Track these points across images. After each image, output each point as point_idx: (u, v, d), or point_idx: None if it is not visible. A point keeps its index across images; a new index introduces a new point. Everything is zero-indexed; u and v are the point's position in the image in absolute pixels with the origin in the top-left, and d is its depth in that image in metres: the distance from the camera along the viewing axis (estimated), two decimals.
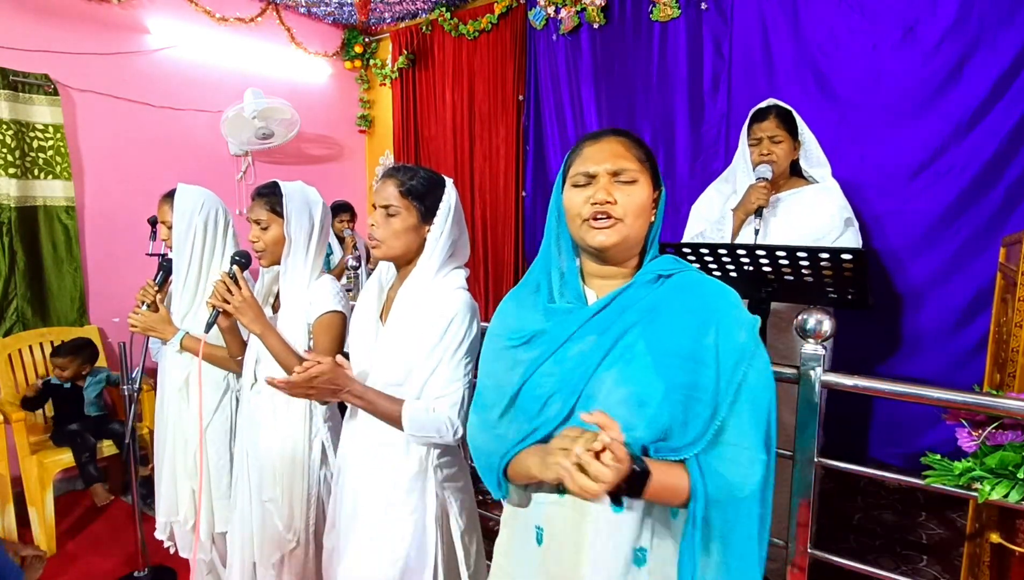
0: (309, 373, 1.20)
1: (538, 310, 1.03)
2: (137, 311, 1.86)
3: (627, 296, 0.97)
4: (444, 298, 1.32)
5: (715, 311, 0.93)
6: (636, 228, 0.96)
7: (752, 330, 0.93)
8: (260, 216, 1.62)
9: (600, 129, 1.04)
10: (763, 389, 0.92)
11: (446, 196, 1.36)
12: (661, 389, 0.90)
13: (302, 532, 1.59)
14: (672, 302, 0.95)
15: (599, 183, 0.96)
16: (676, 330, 0.92)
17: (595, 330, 0.96)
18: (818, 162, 2.04)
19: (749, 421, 0.90)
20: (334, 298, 1.60)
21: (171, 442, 1.94)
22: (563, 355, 0.97)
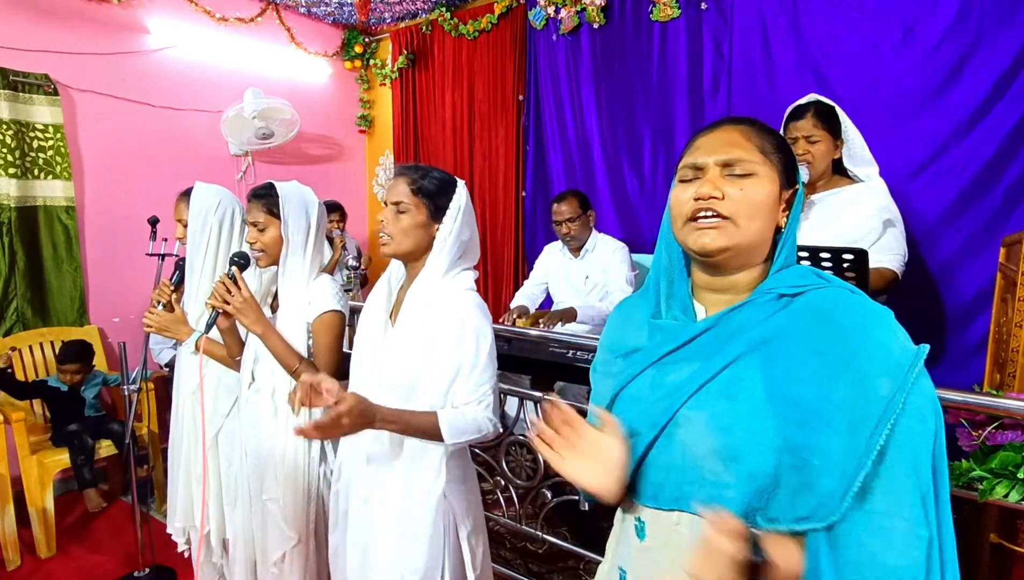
0: (338, 411, 1.15)
1: (642, 325, 0.90)
2: (153, 311, 1.85)
3: (740, 316, 0.80)
4: (454, 300, 1.31)
5: (855, 353, 0.72)
6: (752, 231, 0.79)
7: (901, 372, 0.69)
8: (257, 218, 1.63)
9: (719, 118, 0.90)
10: (924, 442, 0.69)
11: (457, 196, 1.36)
12: (773, 444, 0.72)
13: (303, 529, 1.60)
14: (798, 332, 0.75)
15: (707, 175, 0.81)
16: (799, 372, 0.73)
17: (698, 355, 0.81)
18: (863, 161, 1.93)
19: (906, 481, 0.67)
20: (333, 297, 1.61)
21: (186, 445, 1.92)
22: (658, 379, 0.83)
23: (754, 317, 0.79)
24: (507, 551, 2.46)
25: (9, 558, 2.49)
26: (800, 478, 0.70)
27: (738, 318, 0.80)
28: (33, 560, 2.53)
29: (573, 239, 2.89)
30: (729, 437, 0.75)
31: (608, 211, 3.43)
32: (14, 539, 2.52)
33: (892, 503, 0.67)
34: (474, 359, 1.28)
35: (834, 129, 1.91)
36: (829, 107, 1.91)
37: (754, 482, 0.73)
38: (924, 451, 0.69)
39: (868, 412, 0.68)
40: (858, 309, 0.76)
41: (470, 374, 1.28)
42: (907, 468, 0.68)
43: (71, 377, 2.80)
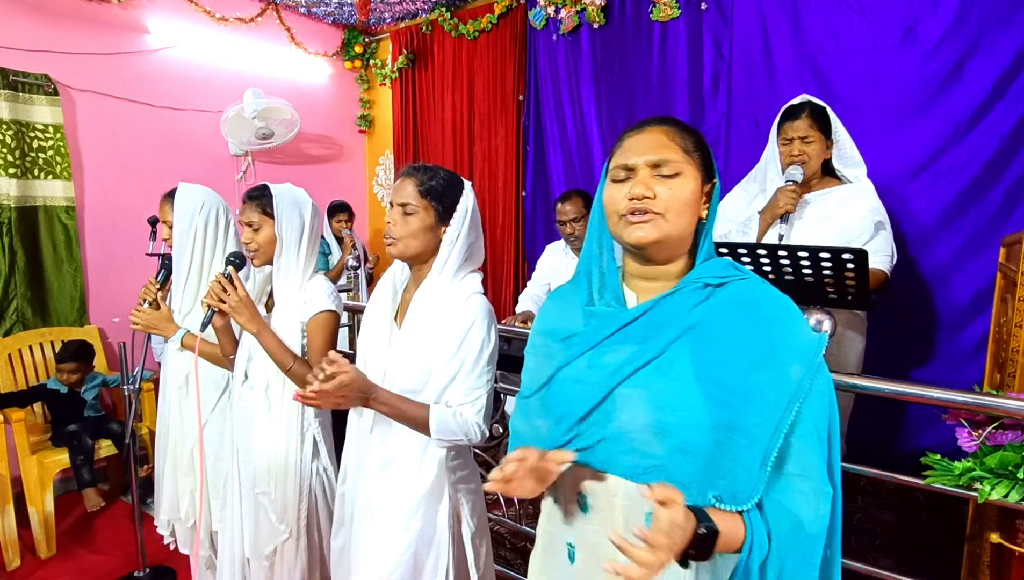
0: (340, 380, 1.17)
1: (577, 311, 0.97)
2: (139, 309, 1.87)
3: (671, 304, 0.88)
4: (462, 303, 1.31)
5: (771, 342, 0.83)
6: (680, 225, 0.88)
7: (809, 359, 0.82)
8: (251, 218, 1.65)
9: (644, 119, 0.95)
10: (824, 415, 0.82)
11: (464, 198, 1.35)
12: (698, 423, 0.81)
13: (294, 524, 1.61)
14: (723, 321, 0.85)
15: (638, 176, 0.88)
16: (725, 358, 0.83)
17: (633, 339, 0.88)
18: (852, 162, 1.97)
19: (813, 448, 0.81)
20: (328, 298, 1.63)
21: (172, 440, 1.95)
22: (596, 360, 0.90)
23: (683, 304, 0.87)
24: (507, 551, 2.46)
25: (9, 558, 2.49)
26: (726, 453, 0.80)
27: (669, 305, 0.88)
28: (33, 560, 2.53)
29: (577, 239, 2.88)
30: (662, 414, 0.83)
31: None
32: (14, 539, 2.52)
33: (803, 468, 0.81)
34: (474, 362, 1.28)
35: (826, 129, 1.94)
36: (821, 108, 1.95)
37: (684, 456, 0.81)
38: (824, 424, 0.82)
39: (781, 394, 0.80)
40: (773, 303, 0.87)
41: (467, 376, 1.28)
42: (813, 439, 0.81)
43: (68, 376, 2.80)
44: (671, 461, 0.82)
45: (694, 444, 0.81)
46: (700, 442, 0.81)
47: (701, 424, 0.81)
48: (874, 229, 1.87)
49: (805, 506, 0.80)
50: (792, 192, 1.85)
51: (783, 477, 0.80)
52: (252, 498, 1.63)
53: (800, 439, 0.80)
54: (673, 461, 0.82)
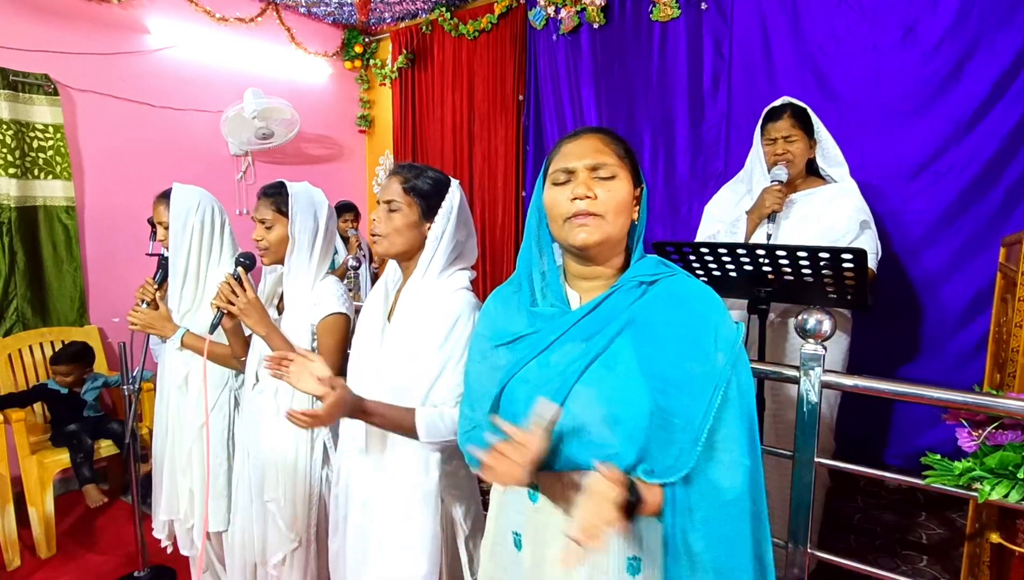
0: (331, 402, 1.17)
1: (521, 312, 1.01)
2: (137, 309, 1.87)
3: (612, 302, 0.95)
4: (448, 299, 1.31)
5: (699, 333, 0.90)
6: (618, 225, 0.95)
7: (731, 347, 0.90)
8: (265, 215, 1.63)
9: (577, 128, 1.02)
10: (746, 395, 0.91)
11: (449, 196, 1.35)
12: (645, 410, 0.89)
13: (304, 532, 1.59)
14: (657, 316, 0.92)
15: (578, 179, 0.93)
16: (661, 350, 0.90)
17: (580, 337, 0.94)
18: (835, 161, 2.00)
19: (736, 426, 0.89)
20: (338, 300, 1.61)
21: (170, 440, 1.94)
22: (545, 360, 0.95)
23: (622, 302, 0.94)
24: None
25: (9, 558, 2.49)
26: (665, 435, 0.89)
27: (610, 303, 0.95)
28: (33, 560, 2.53)
29: None
30: (613, 406, 0.90)
31: None
32: (14, 539, 2.52)
33: (728, 443, 0.88)
34: (458, 359, 1.28)
35: (808, 130, 1.97)
36: (802, 109, 1.98)
37: (633, 441, 0.89)
38: (746, 403, 0.90)
39: (710, 379, 0.88)
40: (699, 297, 0.94)
41: (452, 373, 1.28)
42: (737, 417, 0.89)
43: (63, 378, 2.80)
44: (623, 448, 0.90)
45: (640, 430, 0.89)
46: (644, 427, 0.89)
47: (645, 411, 0.89)
48: (859, 228, 1.90)
49: (724, 475, 0.88)
50: (778, 192, 1.87)
51: (709, 454, 0.88)
52: (260, 504, 1.62)
53: (726, 419, 0.88)
54: (624, 447, 0.90)
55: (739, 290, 1.69)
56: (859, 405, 2.59)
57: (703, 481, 0.88)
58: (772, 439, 1.90)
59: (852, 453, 2.44)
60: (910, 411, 2.61)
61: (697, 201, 3.15)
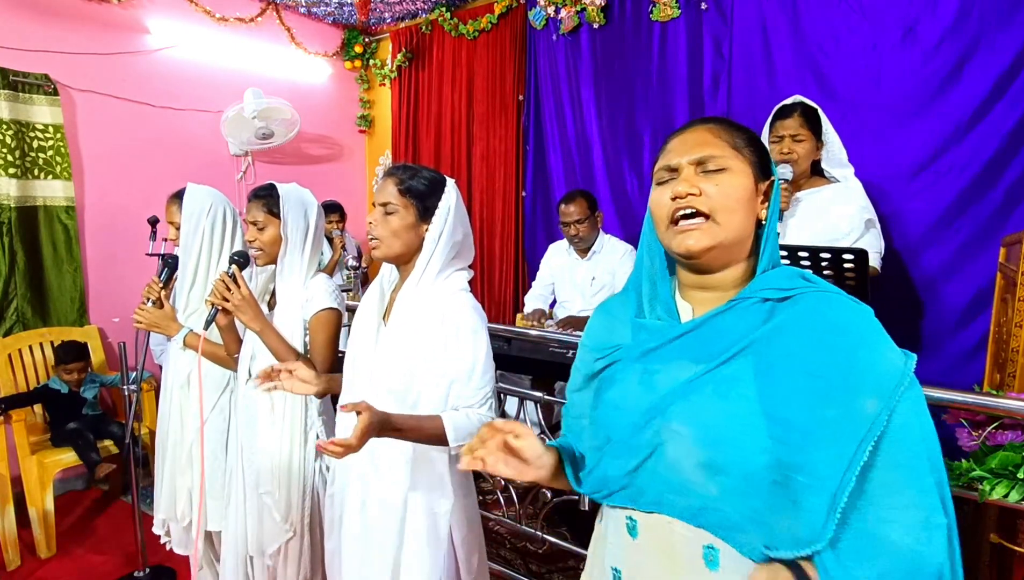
0: (362, 428, 1.10)
1: (626, 324, 0.90)
2: (143, 308, 1.87)
3: (726, 320, 0.80)
4: (448, 302, 1.30)
5: (844, 371, 0.71)
6: (733, 227, 0.80)
7: (888, 392, 0.70)
8: (257, 217, 1.66)
9: (691, 120, 0.90)
10: (920, 436, 0.70)
11: (446, 196, 1.34)
12: (760, 460, 0.72)
13: (299, 523, 1.62)
14: (788, 343, 0.75)
15: (682, 175, 0.82)
16: (790, 391, 0.73)
17: (686, 356, 0.80)
18: (840, 163, 2.00)
19: (912, 476, 0.68)
20: (329, 296, 1.64)
21: (171, 439, 1.95)
22: (647, 378, 0.83)
23: (740, 322, 0.78)
24: (507, 551, 2.46)
25: (9, 558, 2.49)
26: (786, 495, 0.71)
27: (724, 322, 0.80)
28: (33, 560, 2.53)
29: (581, 240, 2.88)
30: (716, 451, 0.74)
31: (608, 211, 3.43)
32: (14, 539, 2.52)
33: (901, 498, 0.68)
34: (472, 362, 1.27)
35: (816, 130, 1.97)
36: (813, 109, 1.97)
37: (740, 497, 0.73)
38: (921, 450, 0.69)
39: (853, 432, 0.69)
40: (848, 322, 0.75)
41: (469, 378, 1.27)
42: (910, 466, 0.68)
43: (69, 376, 2.80)
44: (726, 502, 0.74)
45: (751, 484, 0.73)
46: (757, 481, 0.72)
47: (759, 462, 0.72)
48: (864, 227, 1.90)
49: (905, 535, 0.67)
50: (784, 190, 1.87)
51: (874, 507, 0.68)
52: (256, 497, 1.64)
53: (890, 470, 0.68)
54: (729, 502, 0.74)
55: None
56: None
57: (873, 545, 0.67)
58: None
59: None
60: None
61: None
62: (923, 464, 0.69)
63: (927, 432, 0.70)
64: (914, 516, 0.67)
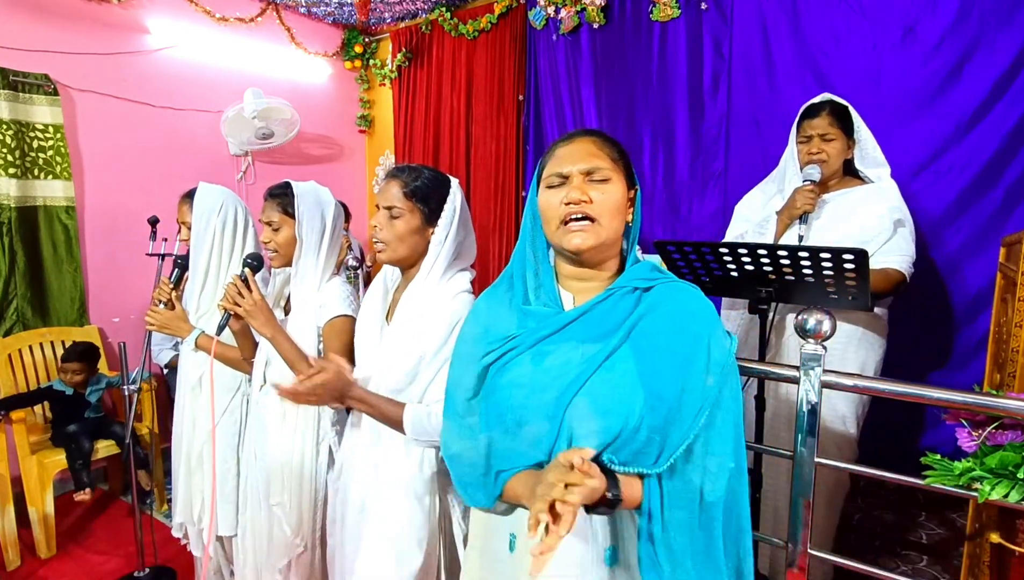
0: (313, 381, 1.19)
1: (513, 311, 1.00)
2: (154, 309, 1.85)
3: (606, 306, 0.94)
4: (449, 302, 1.31)
5: (694, 353, 0.91)
6: (612, 229, 0.95)
7: (721, 370, 0.91)
8: (272, 217, 1.62)
9: (571, 131, 1.03)
10: (733, 404, 0.92)
11: (451, 197, 1.34)
12: (640, 423, 0.88)
13: (309, 537, 1.58)
14: (655, 327, 0.92)
15: (573, 183, 0.94)
16: (659, 365, 0.90)
17: (575, 339, 0.94)
18: (875, 162, 1.92)
19: (722, 433, 0.90)
20: (344, 302, 1.59)
21: (185, 441, 1.94)
22: (539, 363, 0.94)
23: (617, 308, 0.94)
24: None
25: (9, 558, 2.49)
26: (647, 447, 0.89)
27: (605, 307, 0.94)
28: (33, 560, 2.53)
29: None
30: (607, 419, 0.89)
31: None
32: (14, 539, 2.51)
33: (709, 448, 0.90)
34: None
35: (847, 129, 1.89)
36: (843, 107, 1.89)
37: (616, 452, 0.89)
38: (733, 415, 0.92)
39: (697, 401, 0.89)
40: (696, 312, 0.94)
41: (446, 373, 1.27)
42: (723, 426, 0.90)
43: (72, 377, 2.79)
44: (609, 455, 0.89)
45: (628, 443, 0.89)
46: (632, 440, 0.89)
47: (637, 425, 0.88)
48: (893, 228, 1.81)
49: (706, 478, 0.89)
50: (810, 192, 1.80)
51: (692, 456, 0.89)
52: (267, 509, 1.60)
53: (711, 427, 0.89)
54: (609, 455, 0.89)
55: (739, 290, 1.68)
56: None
57: (683, 482, 0.89)
58: (772, 439, 1.89)
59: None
60: (910, 411, 2.61)
61: (697, 201, 3.15)
62: (730, 426, 0.91)
63: (737, 399, 0.93)
64: (715, 462, 0.90)
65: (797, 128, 1.95)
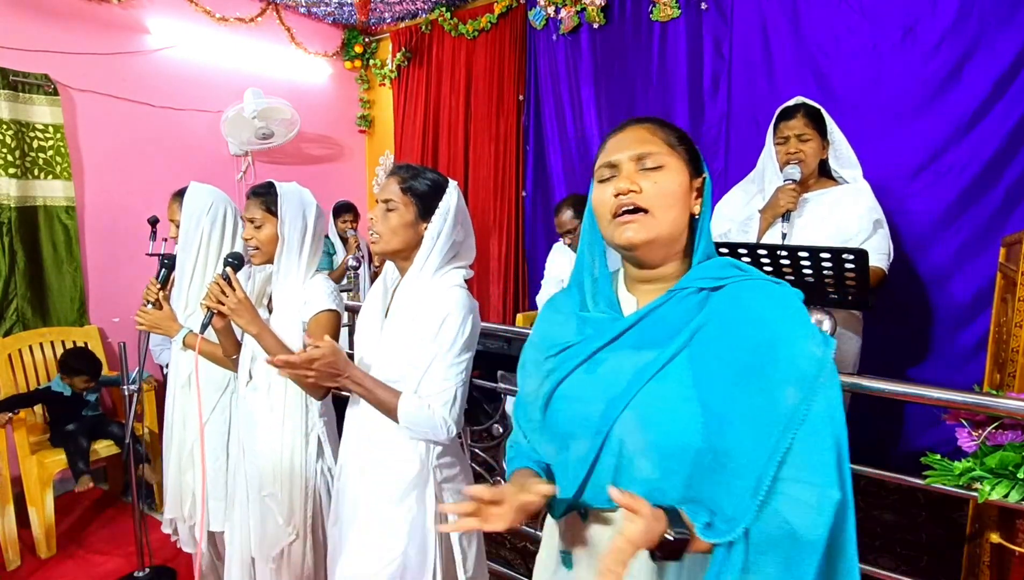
0: (310, 354, 1.21)
1: (571, 319, 0.94)
2: (143, 310, 1.87)
3: (664, 310, 0.84)
4: (442, 295, 1.33)
5: (768, 361, 0.76)
6: (669, 221, 0.84)
7: (808, 382, 0.74)
8: (255, 214, 1.64)
9: (626, 120, 0.94)
10: (827, 422, 0.74)
11: (447, 196, 1.37)
12: (697, 444, 0.77)
13: (301, 525, 1.61)
14: (720, 332, 0.79)
15: (622, 172, 0.86)
16: (722, 375, 0.77)
17: (631, 345, 0.84)
18: (848, 162, 1.99)
19: (819, 450, 0.73)
20: (328, 297, 1.62)
21: (175, 439, 1.96)
22: (592, 373, 0.86)
23: (677, 312, 0.83)
24: (507, 551, 2.46)
25: (9, 558, 2.49)
26: (713, 478, 0.76)
27: (664, 311, 0.84)
28: (33, 560, 2.53)
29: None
30: (659, 435, 0.79)
31: None
32: (14, 539, 2.51)
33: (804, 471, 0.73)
34: (446, 352, 1.29)
35: (821, 130, 1.96)
36: (816, 109, 1.97)
37: (675, 477, 0.78)
38: (832, 431, 0.74)
39: (775, 421, 0.73)
40: (775, 311, 0.79)
41: (439, 365, 1.29)
42: (819, 443, 0.73)
43: (83, 385, 2.77)
44: (668, 482, 0.79)
45: (690, 467, 0.77)
46: (690, 463, 0.77)
47: (696, 445, 0.77)
48: (872, 228, 1.89)
49: (802, 511, 0.72)
50: (792, 191, 1.86)
51: (779, 482, 0.73)
52: (258, 500, 1.63)
53: (802, 443, 0.73)
54: (670, 483, 0.79)
55: None
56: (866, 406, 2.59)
57: (770, 519, 0.72)
58: None
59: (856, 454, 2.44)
60: (910, 411, 2.61)
61: None
62: (828, 448, 0.73)
63: (834, 416, 0.75)
64: (811, 491, 0.72)
65: (774, 130, 2.01)
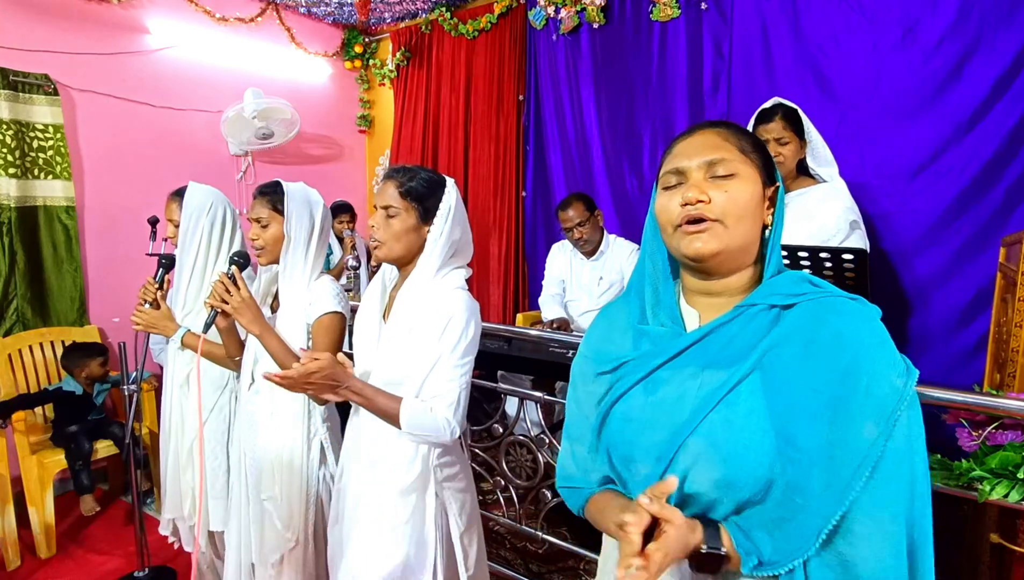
0: (307, 368, 1.19)
1: (628, 332, 0.87)
2: (140, 309, 1.87)
3: (733, 328, 0.78)
4: (444, 298, 1.32)
5: (845, 391, 0.71)
6: (740, 232, 0.78)
7: (886, 415, 0.70)
8: (261, 214, 1.63)
9: (695, 123, 0.88)
10: (906, 458, 0.70)
11: (446, 196, 1.36)
12: (767, 476, 0.72)
13: (301, 531, 1.59)
14: (795, 356, 0.74)
15: (690, 180, 0.80)
16: (796, 404, 0.72)
17: (695, 364, 0.79)
18: (825, 161, 2.03)
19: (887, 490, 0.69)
20: (334, 299, 1.60)
21: (173, 438, 1.95)
22: (652, 393, 0.81)
23: (746, 330, 0.77)
24: (507, 551, 2.46)
25: (9, 558, 2.49)
26: (785, 511, 0.72)
27: (730, 331, 0.78)
28: (33, 560, 2.53)
29: (587, 242, 2.87)
30: (730, 467, 0.73)
31: (608, 211, 3.44)
32: (14, 539, 2.51)
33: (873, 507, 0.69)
34: (449, 354, 1.29)
35: (799, 131, 1.99)
36: (793, 109, 1.99)
37: (751, 508, 0.74)
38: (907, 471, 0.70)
39: (851, 457, 0.69)
40: (849, 333, 0.74)
41: (442, 367, 1.29)
42: (887, 498, 0.69)
43: (96, 369, 2.80)
44: (721, 505, 0.76)
45: (756, 499, 0.73)
46: (767, 497, 0.73)
47: (769, 478, 0.72)
48: (849, 228, 1.92)
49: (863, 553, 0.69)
50: None
51: (847, 526, 0.69)
52: (258, 504, 1.61)
53: (876, 481, 0.69)
54: (723, 505, 0.75)
55: None
56: None
57: (834, 561, 0.70)
58: None
59: None
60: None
61: None
62: (903, 488, 0.70)
63: (914, 451, 0.71)
64: (881, 537, 0.69)
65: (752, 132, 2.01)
